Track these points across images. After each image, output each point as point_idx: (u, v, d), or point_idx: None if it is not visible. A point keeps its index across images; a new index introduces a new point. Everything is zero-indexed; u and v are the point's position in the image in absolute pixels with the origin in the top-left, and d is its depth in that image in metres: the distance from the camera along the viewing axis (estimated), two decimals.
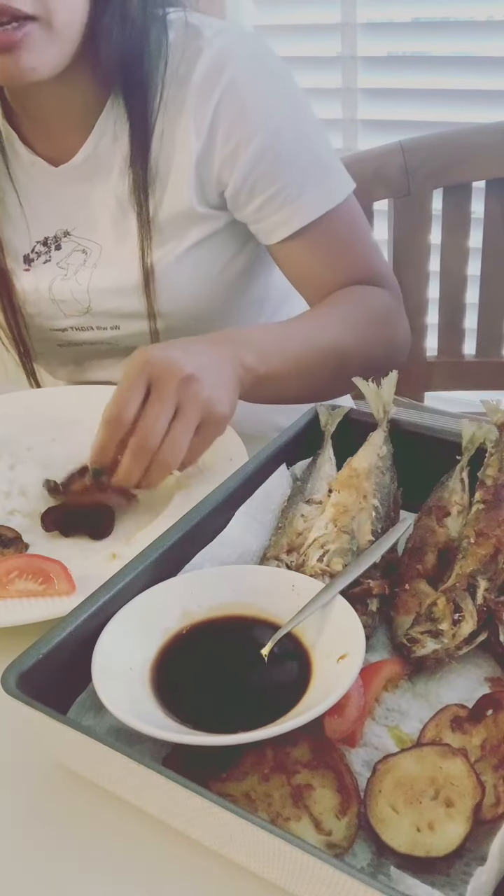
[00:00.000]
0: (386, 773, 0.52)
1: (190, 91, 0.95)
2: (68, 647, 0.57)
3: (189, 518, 0.68)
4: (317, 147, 1.00)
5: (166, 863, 0.52)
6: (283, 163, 0.96)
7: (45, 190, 1.03)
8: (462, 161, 1.34)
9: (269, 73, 0.98)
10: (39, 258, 1.06)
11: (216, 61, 0.94)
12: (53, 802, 0.57)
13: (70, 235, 1.05)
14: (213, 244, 1.03)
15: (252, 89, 0.95)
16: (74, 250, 1.05)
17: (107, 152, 0.99)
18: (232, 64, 0.95)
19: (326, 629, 0.60)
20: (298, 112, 0.99)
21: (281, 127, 0.96)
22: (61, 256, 1.05)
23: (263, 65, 0.98)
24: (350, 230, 1.01)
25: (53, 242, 1.05)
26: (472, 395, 1.53)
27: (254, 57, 0.97)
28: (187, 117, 0.95)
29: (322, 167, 0.99)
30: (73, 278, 1.05)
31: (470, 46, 1.83)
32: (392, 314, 1.02)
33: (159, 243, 1.00)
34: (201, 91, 0.95)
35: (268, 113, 0.96)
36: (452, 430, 0.78)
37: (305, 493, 0.76)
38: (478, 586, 0.64)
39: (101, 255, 1.03)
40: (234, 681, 0.60)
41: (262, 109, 0.95)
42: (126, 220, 1.01)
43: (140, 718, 0.53)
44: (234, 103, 0.95)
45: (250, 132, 0.95)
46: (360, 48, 1.87)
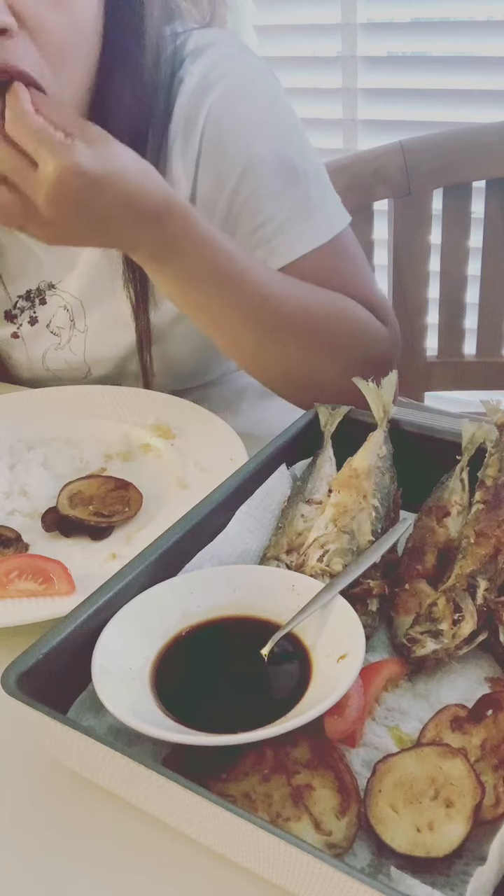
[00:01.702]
0: (386, 773, 0.52)
1: (173, 128, 0.90)
2: (68, 647, 0.57)
3: (189, 518, 0.68)
4: (305, 179, 0.92)
5: (166, 863, 0.52)
6: (261, 199, 0.90)
7: (26, 242, 0.99)
8: (462, 161, 1.34)
9: (251, 97, 0.92)
10: (23, 314, 1.02)
11: (195, 92, 0.89)
12: (53, 802, 0.57)
13: (55, 289, 1.01)
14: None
15: (230, 118, 0.90)
16: (59, 307, 1.01)
17: None
18: (210, 92, 0.89)
19: (326, 629, 0.60)
20: (282, 140, 0.92)
21: (260, 159, 0.90)
22: (48, 315, 1.02)
23: (245, 87, 0.92)
24: (334, 270, 0.93)
25: (37, 296, 1.01)
26: (472, 395, 1.53)
27: (235, 79, 0.91)
28: (174, 159, 0.90)
29: (307, 206, 0.92)
30: (66, 347, 1.02)
31: (470, 46, 1.84)
32: (371, 345, 0.92)
33: (157, 303, 0.96)
34: (184, 127, 0.90)
35: (246, 144, 0.90)
36: (452, 430, 0.78)
37: (305, 493, 0.76)
38: (478, 586, 0.64)
39: (89, 315, 1.00)
40: (234, 681, 0.60)
41: (242, 139, 0.90)
42: (112, 274, 0.96)
43: (140, 718, 0.53)
44: (214, 137, 0.90)
45: (230, 163, 0.90)
46: (360, 48, 1.87)
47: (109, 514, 0.82)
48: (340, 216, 0.95)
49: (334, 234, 0.93)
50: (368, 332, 0.93)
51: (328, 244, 0.93)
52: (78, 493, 0.84)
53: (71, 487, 0.85)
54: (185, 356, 1.03)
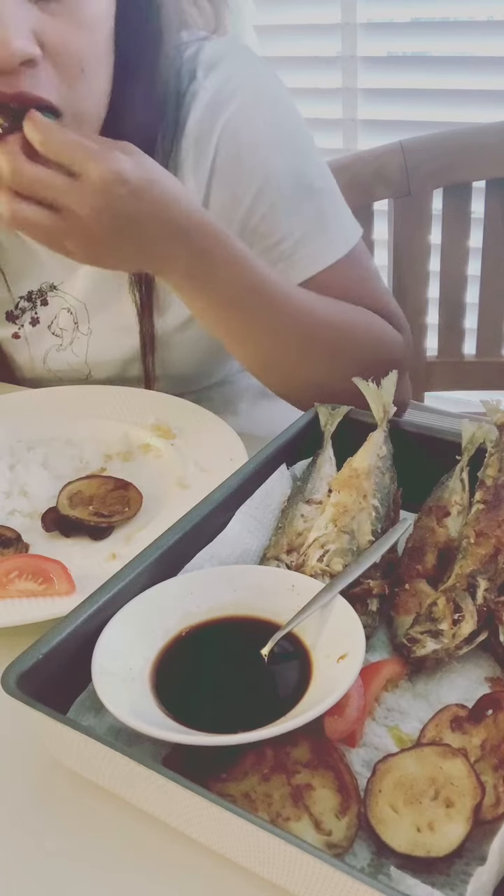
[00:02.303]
0: (386, 773, 0.52)
1: (185, 143, 0.89)
2: (68, 647, 0.57)
3: (189, 518, 0.68)
4: (320, 195, 0.93)
5: (166, 863, 0.52)
6: (281, 213, 0.91)
7: (28, 243, 0.98)
8: (462, 161, 1.34)
9: (266, 113, 0.92)
10: (25, 315, 1.02)
11: (209, 107, 0.89)
12: (53, 802, 0.57)
13: (57, 290, 1.00)
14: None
15: (247, 134, 0.90)
16: (62, 308, 1.01)
17: None
18: (225, 108, 0.89)
19: (326, 629, 0.60)
20: (298, 156, 0.93)
21: (278, 175, 0.90)
22: (50, 316, 1.02)
23: (260, 103, 0.91)
24: (351, 280, 0.95)
25: (39, 297, 1.01)
26: (472, 395, 1.53)
27: (249, 94, 0.90)
28: (186, 173, 0.90)
29: (323, 220, 0.93)
30: (68, 349, 1.02)
31: (470, 46, 1.84)
32: (390, 354, 0.93)
33: (161, 310, 0.96)
34: (197, 142, 0.89)
35: (262, 161, 0.90)
36: (452, 430, 0.78)
37: (305, 493, 0.76)
38: (478, 586, 0.64)
39: (92, 318, 1.00)
40: (234, 681, 0.60)
41: (259, 156, 0.90)
42: (121, 284, 0.96)
43: (140, 718, 0.53)
44: (229, 153, 0.89)
45: (246, 181, 0.90)
46: (360, 48, 1.87)
47: (109, 514, 0.82)
48: (354, 228, 0.96)
49: (350, 247, 0.94)
50: (386, 342, 0.95)
51: (345, 257, 0.94)
52: (78, 493, 0.84)
53: (71, 487, 0.85)
54: (188, 362, 1.03)
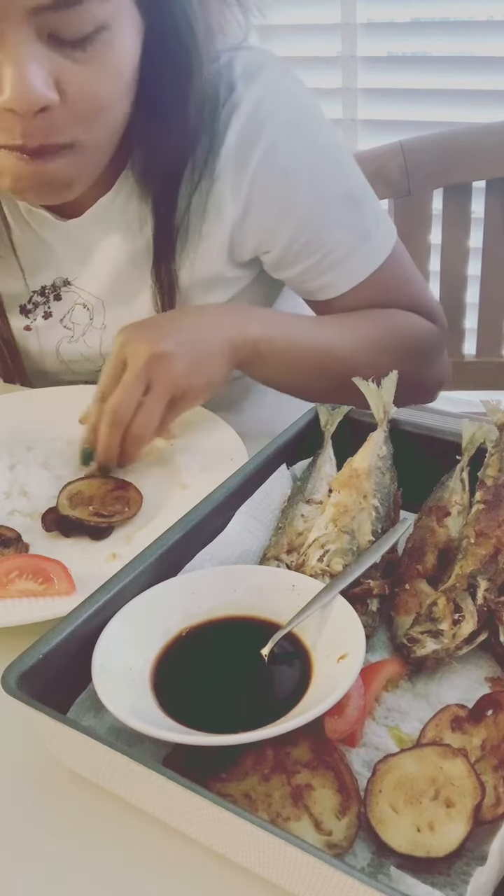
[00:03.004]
0: (386, 774, 0.52)
1: (224, 153, 0.90)
2: (68, 647, 0.57)
3: (189, 518, 0.68)
4: (361, 203, 0.96)
5: (166, 863, 0.52)
6: (328, 227, 0.93)
7: (45, 239, 0.99)
8: (462, 161, 1.34)
9: (309, 129, 0.93)
10: (37, 309, 1.03)
11: (252, 120, 0.89)
12: (53, 802, 0.57)
13: (71, 285, 1.01)
14: (239, 302, 1.01)
15: (292, 151, 0.91)
16: (76, 303, 1.02)
17: (122, 208, 0.94)
18: (269, 123, 0.89)
19: (326, 629, 0.60)
20: (341, 169, 0.95)
21: (325, 189, 0.93)
22: (63, 311, 1.02)
23: (302, 119, 0.93)
24: (395, 279, 0.99)
25: (52, 292, 1.02)
26: (472, 395, 1.53)
27: (291, 110, 0.91)
28: (223, 183, 0.90)
29: (367, 225, 0.96)
30: (80, 340, 1.02)
31: (470, 46, 1.84)
32: (428, 350, 0.99)
33: (180, 305, 0.97)
34: (238, 155, 0.90)
35: (310, 176, 0.92)
36: (452, 430, 0.78)
37: (305, 493, 0.76)
38: (478, 586, 0.64)
39: (108, 314, 1.01)
40: (234, 681, 0.60)
41: (306, 173, 0.91)
42: (137, 279, 0.97)
43: (140, 718, 0.53)
44: (275, 168, 0.90)
45: (294, 198, 0.91)
46: (360, 48, 1.87)
47: (109, 514, 0.82)
48: (391, 230, 1.00)
49: (391, 250, 0.98)
50: (426, 339, 1.00)
51: (387, 259, 0.97)
52: (78, 493, 0.84)
53: (71, 488, 0.85)
54: None
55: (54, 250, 1.00)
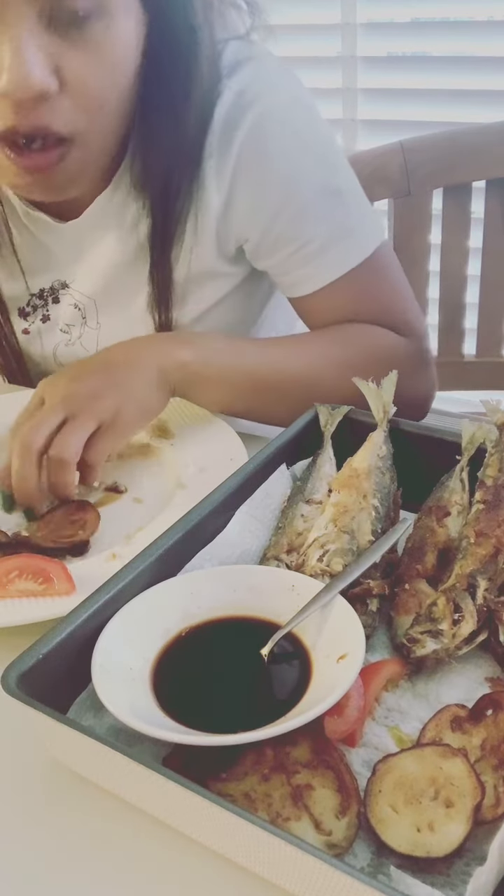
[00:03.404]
0: (386, 773, 0.52)
1: (207, 144, 0.88)
2: (68, 647, 0.57)
3: (189, 518, 0.68)
4: (345, 198, 0.94)
5: (166, 863, 0.52)
6: (305, 218, 0.92)
7: (44, 242, 0.99)
8: (462, 161, 1.34)
9: (292, 118, 0.91)
10: (36, 312, 1.03)
11: (233, 108, 0.88)
12: (53, 802, 0.57)
13: (69, 288, 1.01)
14: (229, 303, 1.00)
15: (272, 138, 0.89)
16: (68, 305, 1.01)
17: (118, 208, 0.94)
18: (250, 109, 0.88)
19: (326, 629, 0.60)
20: (323, 160, 0.93)
21: (304, 179, 0.91)
22: (58, 313, 1.02)
23: (285, 107, 0.91)
24: (375, 283, 0.96)
25: (50, 295, 1.01)
26: (472, 395, 1.53)
27: (275, 98, 0.90)
28: (208, 174, 0.89)
29: (349, 221, 0.94)
30: (77, 343, 1.02)
31: (470, 46, 1.84)
32: (401, 365, 0.92)
33: (175, 303, 0.97)
34: (221, 143, 0.88)
35: (290, 164, 0.90)
36: (452, 430, 0.78)
37: (305, 493, 0.76)
38: (478, 586, 0.64)
39: (101, 313, 1.00)
40: (234, 681, 0.60)
41: (285, 161, 0.90)
42: (133, 277, 0.96)
43: (140, 718, 0.53)
44: (255, 155, 0.89)
45: (272, 185, 0.90)
46: (360, 48, 1.87)
47: (61, 538, 0.79)
48: (377, 231, 0.97)
49: (372, 250, 0.95)
50: (394, 356, 0.95)
51: (367, 261, 0.94)
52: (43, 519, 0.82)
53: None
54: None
55: (52, 253, 1.00)
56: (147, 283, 0.96)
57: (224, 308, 1.00)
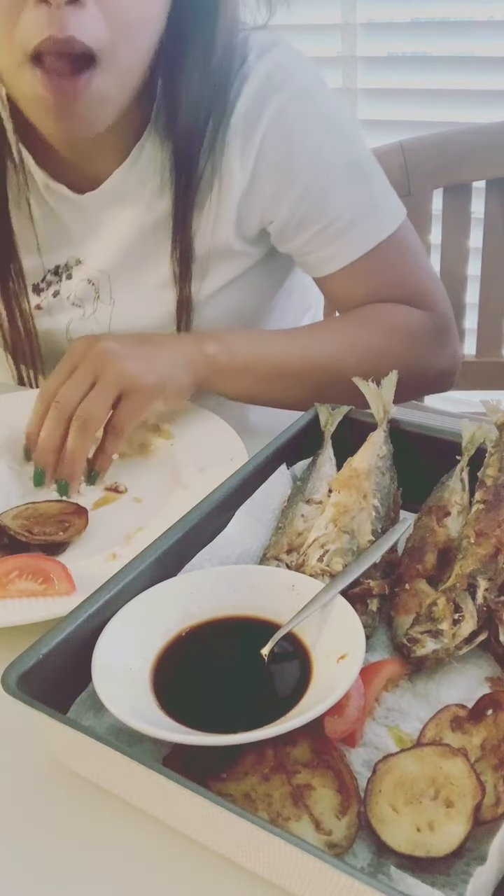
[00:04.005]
0: (386, 773, 0.52)
1: (234, 122, 0.91)
2: (68, 647, 0.57)
3: (189, 518, 0.68)
4: (368, 177, 0.97)
5: (166, 863, 0.52)
6: (331, 197, 0.94)
7: (60, 216, 1.00)
8: (462, 161, 1.34)
9: (317, 100, 0.94)
10: (49, 288, 1.03)
11: (261, 90, 0.90)
12: (53, 802, 0.57)
13: (81, 264, 1.02)
14: (243, 283, 1.01)
15: (299, 119, 0.92)
16: (81, 280, 1.02)
17: (137, 181, 0.95)
18: (278, 92, 0.91)
19: (326, 629, 0.60)
20: (347, 140, 0.96)
21: (330, 158, 0.93)
22: (71, 289, 1.03)
23: (310, 90, 0.94)
24: (398, 258, 0.99)
25: (65, 271, 1.02)
26: (472, 395, 1.53)
27: (300, 82, 0.93)
28: (232, 151, 0.92)
29: (372, 198, 0.96)
30: (91, 318, 1.02)
31: (470, 46, 1.84)
32: (423, 339, 0.98)
33: (193, 279, 0.98)
34: (246, 123, 0.91)
35: (316, 145, 0.92)
36: (452, 430, 0.78)
37: (305, 493, 0.76)
38: (478, 586, 0.64)
39: (115, 287, 1.01)
40: (234, 681, 0.60)
41: (311, 141, 0.92)
42: (149, 253, 0.98)
43: (140, 718, 0.53)
44: (281, 135, 0.91)
45: (298, 166, 0.92)
46: (360, 48, 1.87)
47: (39, 533, 0.78)
48: (399, 209, 1.00)
49: (396, 226, 0.98)
50: (416, 332, 0.98)
51: (391, 237, 0.97)
52: (34, 510, 0.82)
53: (34, 506, 0.82)
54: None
55: (69, 228, 1.01)
56: (163, 260, 0.97)
57: (237, 288, 1.01)
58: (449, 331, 1.02)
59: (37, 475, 0.86)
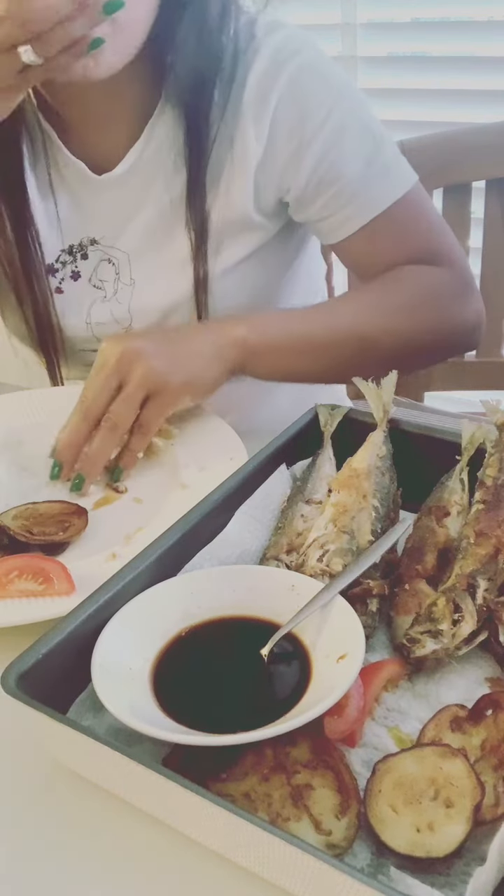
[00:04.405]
0: (386, 774, 0.52)
1: (247, 94, 0.93)
2: (68, 647, 0.57)
3: (189, 518, 0.68)
4: (380, 140, 0.99)
5: (166, 863, 0.52)
6: (346, 158, 0.96)
7: (78, 195, 1.01)
8: (462, 161, 1.34)
9: (326, 69, 0.97)
10: (65, 268, 1.04)
11: (273, 62, 0.93)
12: (53, 802, 0.57)
13: (97, 244, 1.02)
14: (261, 256, 1.02)
15: (311, 86, 0.94)
16: (101, 260, 1.03)
17: (153, 160, 0.96)
18: (288, 63, 0.93)
19: (326, 629, 0.60)
20: (358, 106, 0.98)
21: (342, 122, 0.95)
22: (89, 269, 1.03)
23: (319, 60, 0.97)
24: (414, 217, 1.01)
25: (79, 251, 1.03)
26: (472, 395, 1.53)
27: (308, 54, 0.96)
28: (246, 122, 0.94)
29: (385, 159, 0.98)
30: (113, 299, 1.03)
31: (470, 46, 1.84)
32: (445, 295, 1.00)
33: (209, 254, 0.99)
34: (259, 94, 0.93)
35: (328, 109, 0.94)
36: (452, 430, 0.78)
37: (305, 493, 0.76)
38: (477, 586, 0.64)
39: (135, 268, 1.01)
40: (234, 681, 0.60)
41: (323, 106, 0.94)
42: (166, 229, 0.99)
43: (140, 718, 0.53)
44: (294, 103, 0.94)
45: (313, 130, 0.94)
46: (360, 48, 1.87)
47: (39, 533, 0.78)
48: (411, 172, 1.01)
49: (410, 185, 1.00)
50: (436, 288, 1.00)
51: (405, 196, 0.99)
52: (35, 510, 0.82)
53: (35, 506, 0.82)
54: (230, 309, 1.04)
55: (84, 208, 1.01)
56: (181, 237, 0.98)
57: (252, 264, 1.02)
58: (470, 286, 1.04)
59: (54, 469, 0.87)
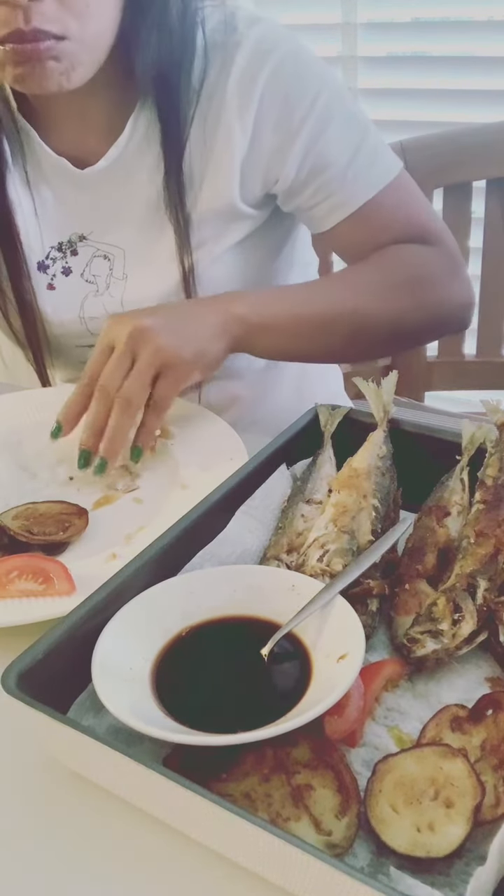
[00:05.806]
0: (386, 774, 0.52)
1: (230, 88, 0.93)
2: (68, 647, 0.57)
3: (189, 518, 0.68)
4: (365, 128, 0.99)
5: (166, 863, 0.52)
6: (333, 146, 0.96)
7: (62, 192, 1.01)
8: (462, 161, 1.34)
9: (308, 60, 0.97)
10: (55, 265, 1.04)
11: (255, 54, 0.94)
12: (53, 802, 0.57)
13: (87, 240, 1.03)
14: (248, 245, 1.03)
15: (294, 77, 0.95)
16: (95, 256, 1.03)
17: (135, 155, 0.97)
18: (271, 54, 0.94)
19: (326, 629, 0.60)
20: (341, 96, 0.99)
21: (329, 110, 0.96)
22: (82, 264, 1.03)
23: (301, 52, 0.97)
24: (403, 200, 1.02)
25: (69, 247, 1.03)
26: (472, 395, 1.53)
27: (290, 45, 0.96)
28: (230, 115, 0.94)
29: (370, 146, 0.99)
30: (105, 294, 1.03)
31: (470, 46, 1.84)
32: (434, 274, 1.01)
33: (196, 245, 0.99)
34: (242, 86, 0.94)
35: (313, 98, 0.95)
36: (452, 430, 0.78)
37: (305, 493, 0.76)
38: (478, 586, 0.64)
39: (128, 262, 1.02)
40: (234, 681, 0.60)
41: (308, 95, 0.95)
42: (156, 223, 0.99)
43: (140, 718, 0.53)
44: (279, 94, 0.94)
45: (299, 120, 0.95)
46: (360, 48, 1.87)
47: (39, 533, 0.78)
48: (396, 159, 1.02)
49: (398, 171, 1.01)
50: (427, 265, 1.01)
51: (394, 181, 1.00)
52: (34, 510, 0.82)
53: (35, 506, 0.82)
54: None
55: (71, 205, 1.01)
56: (169, 230, 0.98)
57: (240, 252, 1.02)
58: (459, 264, 1.05)
59: (82, 456, 0.87)
